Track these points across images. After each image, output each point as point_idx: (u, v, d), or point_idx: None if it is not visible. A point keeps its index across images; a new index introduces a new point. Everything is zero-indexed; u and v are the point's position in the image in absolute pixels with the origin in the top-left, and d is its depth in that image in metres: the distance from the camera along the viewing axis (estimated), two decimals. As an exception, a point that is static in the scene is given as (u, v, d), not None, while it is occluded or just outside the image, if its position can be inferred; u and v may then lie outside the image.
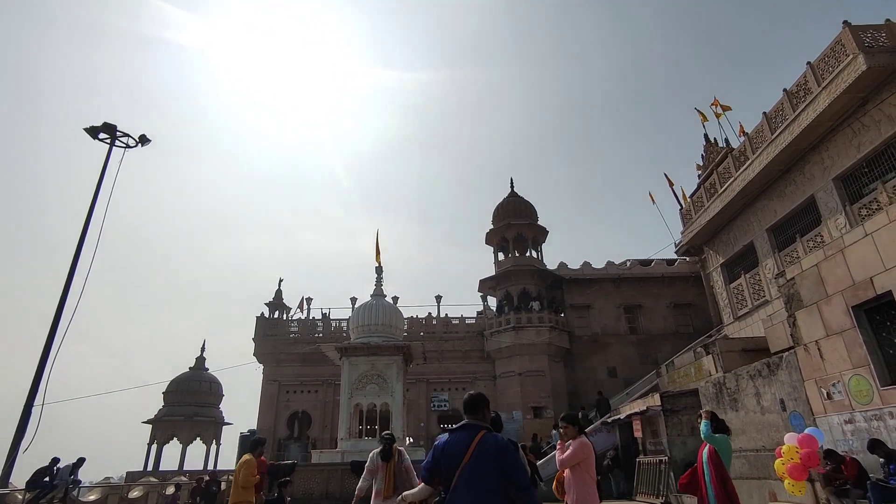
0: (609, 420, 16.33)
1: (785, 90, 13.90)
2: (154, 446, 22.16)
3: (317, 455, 15.45)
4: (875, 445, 6.47)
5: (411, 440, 22.75)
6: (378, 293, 18.51)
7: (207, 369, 25.65)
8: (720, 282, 18.67)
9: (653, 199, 25.69)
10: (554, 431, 19.83)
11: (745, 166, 15.66)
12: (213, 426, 23.39)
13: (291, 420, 25.15)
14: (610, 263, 27.01)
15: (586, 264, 26.83)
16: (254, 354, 25.54)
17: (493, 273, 26.36)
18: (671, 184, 22.59)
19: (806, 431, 7.14)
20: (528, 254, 26.47)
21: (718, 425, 5.48)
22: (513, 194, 28.25)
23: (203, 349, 26.09)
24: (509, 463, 2.68)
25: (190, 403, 22.91)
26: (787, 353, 8.89)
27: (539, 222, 27.15)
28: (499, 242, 26.94)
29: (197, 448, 24.01)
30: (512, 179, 28.76)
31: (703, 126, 20.95)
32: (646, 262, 27.19)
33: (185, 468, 21.86)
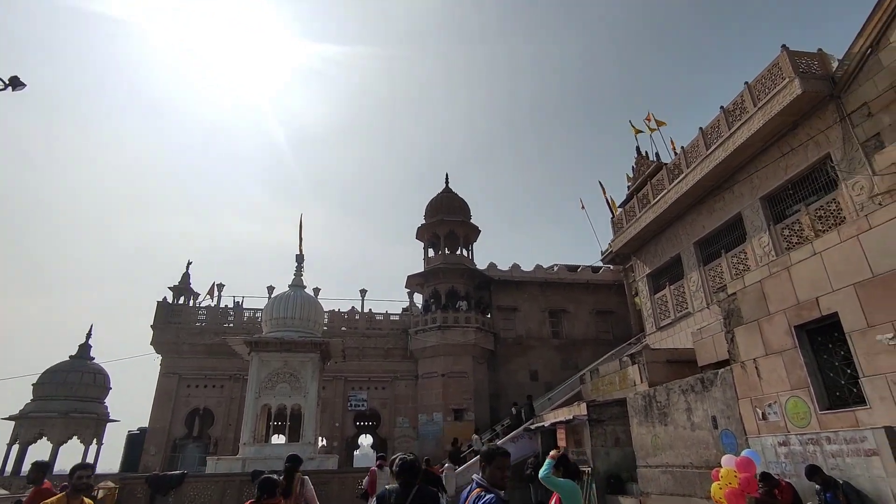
0: (532, 427, 15.98)
1: (722, 107, 14.11)
2: (16, 447, 19.09)
3: (213, 463, 13.67)
4: (813, 472, 6.24)
5: (324, 443, 21.34)
6: (297, 283, 17.00)
7: (93, 358, 22.69)
8: (645, 291, 18.97)
9: (582, 205, 26.09)
10: (475, 436, 19.28)
11: (678, 179, 15.86)
12: (95, 423, 20.61)
13: (191, 417, 22.83)
14: (538, 267, 27.04)
15: (515, 266, 26.67)
16: (151, 343, 22.89)
17: (423, 269, 25.46)
18: (604, 191, 22.86)
19: (743, 454, 6.84)
20: (458, 252, 25.85)
21: (567, 468, 4.88)
22: (447, 190, 27.50)
23: (89, 335, 23.05)
24: None
25: (66, 397, 19.99)
26: (722, 369, 8.70)
27: (472, 220, 26.65)
28: (430, 238, 26.09)
29: (74, 448, 21.13)
30: (447, 175, 27.87)
31: (636, 139, 21.35)
32: (573, 268, 27.51)
33: (54, 472, 19.02)
